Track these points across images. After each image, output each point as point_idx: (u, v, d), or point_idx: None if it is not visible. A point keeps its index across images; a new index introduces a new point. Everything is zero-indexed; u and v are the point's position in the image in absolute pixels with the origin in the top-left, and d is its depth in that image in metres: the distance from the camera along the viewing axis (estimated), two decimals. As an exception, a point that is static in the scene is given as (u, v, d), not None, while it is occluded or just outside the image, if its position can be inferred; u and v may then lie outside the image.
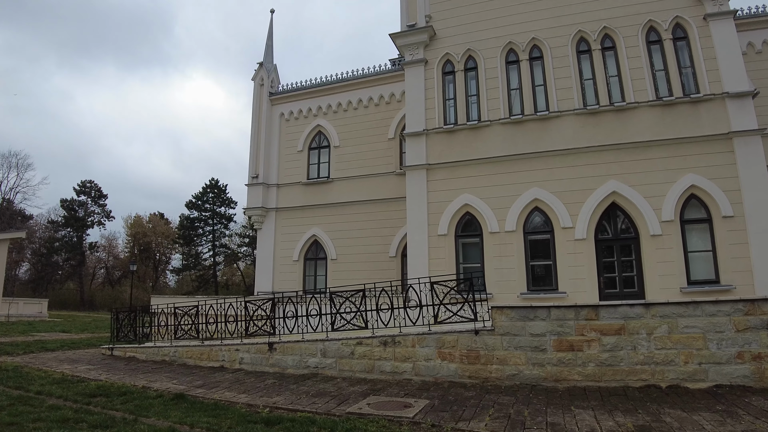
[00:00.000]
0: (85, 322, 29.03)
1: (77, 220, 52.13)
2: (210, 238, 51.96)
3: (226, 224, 52.81)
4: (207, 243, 52.10)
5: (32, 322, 25.82)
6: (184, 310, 12.33)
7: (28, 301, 30.45)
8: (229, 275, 55.87)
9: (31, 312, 28.59)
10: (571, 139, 13.29)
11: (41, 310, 29.44)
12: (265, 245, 20.20)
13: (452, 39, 14.75)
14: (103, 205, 54.57)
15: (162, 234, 56.56)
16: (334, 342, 10.12)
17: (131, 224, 56.33)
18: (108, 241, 56.22)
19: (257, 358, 10.76)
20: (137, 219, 57.06)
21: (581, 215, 12.87)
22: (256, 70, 21.52)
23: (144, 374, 10.34)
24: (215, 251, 51.60)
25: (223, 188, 52.76)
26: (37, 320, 27.09)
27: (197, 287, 49.81)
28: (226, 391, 8.66)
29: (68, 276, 52.67)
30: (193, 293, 46.31)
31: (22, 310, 28.02)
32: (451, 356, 9.18)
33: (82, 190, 53.67)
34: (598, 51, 13.73)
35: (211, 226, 52.02)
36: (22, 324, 24.50)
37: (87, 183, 53.98)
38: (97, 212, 54.42)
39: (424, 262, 13.46)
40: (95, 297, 49.87)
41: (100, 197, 54.51)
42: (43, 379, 9.47)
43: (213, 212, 51.99)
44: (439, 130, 14.22)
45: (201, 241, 52.08)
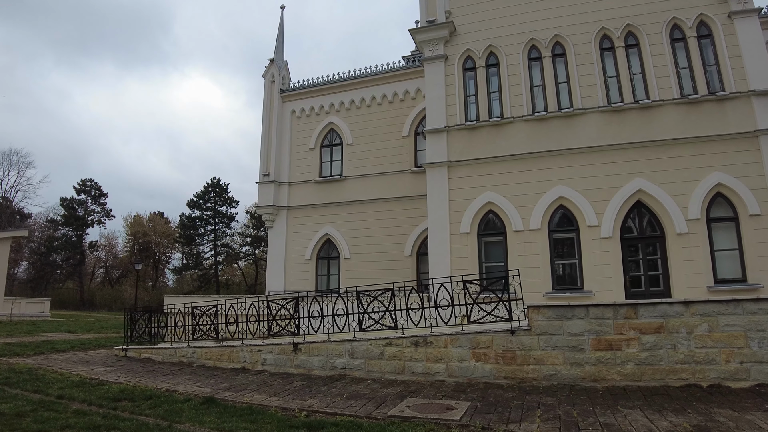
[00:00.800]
0: (89, 322, 28.61)
1: (77, 219, 51.59)
2: (211, 238, 51.53)
3: (227, 223, 52.40)
4: (208, 242, 51.66)
5: (35, 321, 25.41)
6: (202, 310, 12.04)
7: (31, 301, 30.00)
8: (230, 274, 55.46)
9: (34, 312, 28.15)
10: (595, 137, 13.10)
11: (43, 310, 29.01)
12: (276, 244, 19.91)
13: (473, 35, 14.53)
14: (103, 204, 54.09)
15: (162, 233, 56.05)
16: (363, 342, 9.87)
17: (131, 223, 55.82)
18: (107, 240, 55.72)
19: (281, 359, 10.49)
20: (137, 218, 56.58)
21: (607, 213, 12.68)
22: (266, 66, 21.24)
23: (164, 376, 10.04)
24: (217, 250, 51.17)
25: (225, 187, 52.38)
26: (40, 320, 26.67)
27: (198, 287, 49.40)
28: (255, 394, 8.38)
29: (68, 275, 52.10)
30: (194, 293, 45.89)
31: (25, 310, 27.58)
32: (486, 357, 8.99)
33: (83, 188, 53.13)
34: (621, 48, 13.55)
35: (213, 225, 51.60)
36: (25, 324, 24.10)
37: (87, 181, 53.45)
38: (97, 211, 53.89)
39: (445, 261, 13.23)
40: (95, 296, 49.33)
41: (100, 196, 54.00)
42: (60, 382, 9.12)
43: (215, 211, 51.57)
44: (461, 127, 13.99)
45: (202, 241, 51.63)
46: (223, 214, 52.25)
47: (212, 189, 51.88)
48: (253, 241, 49.89)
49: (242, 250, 52.76)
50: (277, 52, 21.41)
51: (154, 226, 55.99)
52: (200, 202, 51.60)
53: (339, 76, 20.12)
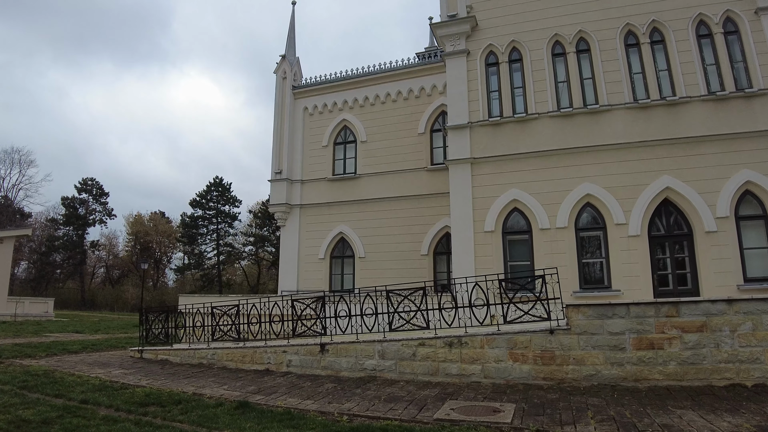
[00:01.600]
0: (93, 322, 28.21)
1: (78, 218, 51.05)
2: (214, 237, 51.10)
3: (230, 223, 51.96)
4: (211, 242, 51.22)
5: (40, 322, 25.01)
6: (222, 310, 11.73)
7: (34, 301, 29.57)
8: (231, 274, 55.03)
9: (37, 311, 27.74)
10: (622, 134, 12.88)
11: (47, 310, 28.58)
12: (289, 243, 19.61)
13: (495, 30, 14.28)
14: (105, 203, 53.59)
15: (163, 233, 55.56)
16: (394, 343, 9.59)
17: (132, 222, 55.30)
18: (108, 239, 55.17)
19: (307, 360, 10.20)
20: (138, 217, 56.05)
21: (634, 211, 12.45)
22: (277, 62, 20.94)
23: (186, 379, 9.71)
24: (219, 250, 50.72)
25: (228, 186, 51.94)
26: (44, 320, 26.26)
27: (201, 287, 48.96)
28: (288, 398, 8.07)
29: (69, 275, 51.53)
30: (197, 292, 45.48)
31: (28, 310, 27.16)
32: (524, 357, 8.78)
33: (84, 187, 52.59)
34: (647, 45, 13.33)
35: (215, 224, 51.17)
36: (30, 324, 23.69)
37: (89, 180, 52.92)
38: (99, 210, 53.34)
39: (469, 260, 12.96)
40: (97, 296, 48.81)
41: (102, 195, 53.48)
42: (81, 386, 8.74)
43: (217, 211, 51.13)
44: (484, 123, 13.73)
45: (205, 240, 51.19)
46: (226, 213, 51.84)
47: (215, 188, 51.44)
48: (256, 240, 49.48)
49: (245, 249, 52.33)
50: (288, 48, 21.12)
51: (155, 225, 55.50)
52: (203, 201, 51.16)
53: (352, 73, 19.84)
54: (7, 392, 8.08)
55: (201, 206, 51.21)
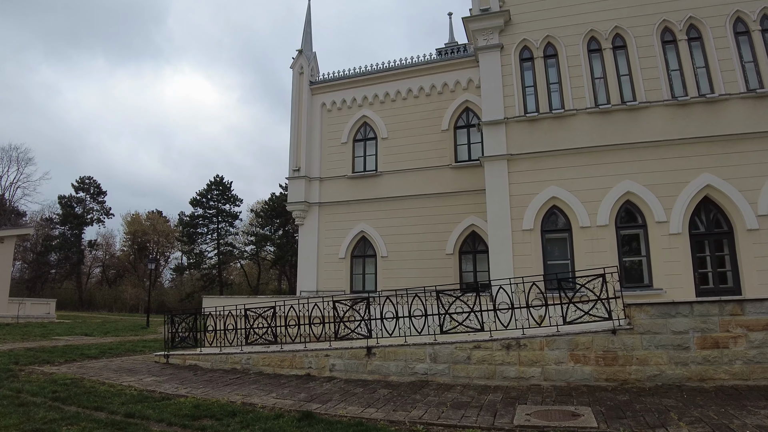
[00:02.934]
0: (98, 324, 27.50)
1: (75, 218, 49.94)
2: (214, 237, 50.30)
3: (231, 222, 51.18)
4: (212, 241, 50.42)
5: (44, 323, 24.30)
6: (257, 312, 11.29)
7: (36, 302, 28.75)
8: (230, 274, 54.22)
9: (39, 313, 26.96)
10: (661, 131, 12.65)
11: (49, 311, 27.81)
12: (308, 242, 19.16)
13: (529, 25, 13.99)
14: (102, 202, 52.45)
15: (161, 232, 54.61)
16: (447, 346, 9.25)
17: (129, 222, 54.26)
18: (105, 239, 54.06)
19: (352, 365, 9.81)
20: (135, 217, 55.02)
21: (675, 209, 12.24)
22: (294, 57, 20.46)
23: (227, 387, 9.19)
24: (220, 249, 49.93)
25: (228, 185, 51.15)
26: (46, 321, 25.54)
27: (202, 287, 48.16)
28: (346, 405, 7.65)
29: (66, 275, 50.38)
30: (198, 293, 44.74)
31: (30, 311, 26.38)
32: (585, 358, 8.56)
33: (81, 186, 51.48)
34: (684, 41, 13.11)
35: (216, 224, 50.37)
36: (34, 326, 22.98)
37: (86, 179, 51.81)
38: (96, 209, 52.21)
39: (507, 259, 12.66)
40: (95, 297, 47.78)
41: (99, 194, 52.38)
42: (117, 396, 8.19)
43: (218, 210, 50.34)
44: (520, 119, 13.43)
45: (205, 240, 50.37)
46: (227, 212, 51.05)
47: (215, 187, 50.63)
48: (258, 239, 48.76)
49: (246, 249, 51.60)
50: (305, 43, 20.65)
51: (153, 224, 54.52)
52: (203, 200, 50.32)
53: (372, 69, 19.43)
54: (41, 405, 7.48)
55: (201, 205, 50.38)
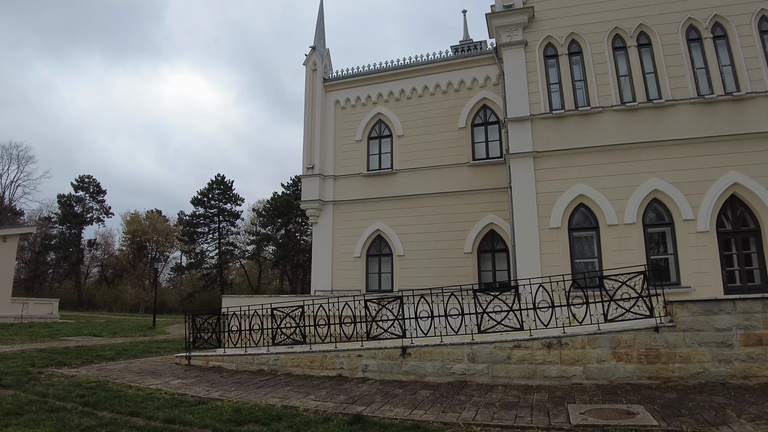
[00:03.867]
0: (102, 324, 27.12)
1: (75, 216, 49.26)
2: (215, 236, 49.82)
3: (233, 221, 50.72)
4: (213, 241, 49.93)
5: (48, 323, 23.91)
6: (285, 312, 11.07)
7: (39, 302, 28.26)
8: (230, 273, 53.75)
9: (42, 313, 26.52)
10: (687, 129, 12.58)
11: (52, 311, 27.37)
12: (322, 241, 18.94)
13: (553, 22, 13.88)
14: (102, 201, 51.78)
15: (161, 231, 54.04)
16: (485, 345, 9.10)
17: (129, 221, 53.65)
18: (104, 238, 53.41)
19: (386, 365, 9.62)
20: (135, 216, 54.39)
21: (703, 207, 12.17)
22: (307, 54, 20.22)
23: (259, 389, 8.91)
24: (221, 249, 49.47)
25: (230, 184, 50.71)
26: (50, 322, 25.15)
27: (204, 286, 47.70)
28: (392, 408, 7.44)
29: (66, 274, 49.69)
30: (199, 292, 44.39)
31: (32, 311, 25.93)
32: (627, 356, 8.54)
33: (81, 185, 50.82)
34: (709, 39, 13.04)
35: (217, 223, 49.89)
36: (38, 326, 22.60)
37: (86, 178, 51.16)
38: (96, 208, 51.55)
39: (535, 258, 12.54)
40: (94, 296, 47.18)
41: (99, 193, 51.72)
42: (149, 400, 7.85)
43: (219, 209, 49.87)
44: (546, 116, 13.31)
45: (206, 239, 49.87)
46: (228, 211, 50.57)
47: (217, 186, 50.17)
48: (260, 239, 48.35)
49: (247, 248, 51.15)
50: (318, 39, 20.42)
51: (152, 223, 53.95)
52: (204, 199, 49.85)
53: (387, 65, 19.24)
54: (72, 411, 7.15)
55: (203, 204, 49.90)
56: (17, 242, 24.79)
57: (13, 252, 24.40)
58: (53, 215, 49.53)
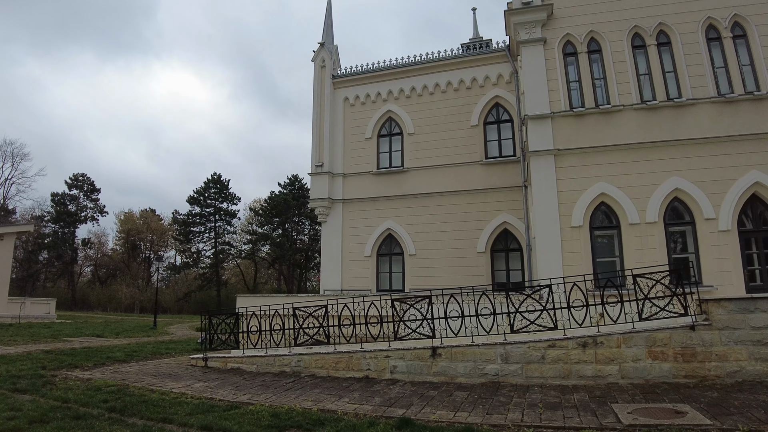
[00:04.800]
0: (101, 324, 26.58)
1: (69, 215, 48.31)
2: (212, 235, 49.20)
3: (229, 221, 50.13)
4: (209, 240, 49.29)
5: (46, 324, 23.36)
6: (308, 311, 10.85)
7: (36, 301, 27.64)
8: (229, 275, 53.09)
9: (39, 313, 25.92)
10: (708, 128, 12.56)
11: (49, 311, 26.77)
12: (331, 239, 18.70)
13: (572, 20, 13.79)
14: (96, 200, 50.84)
15: (156, 230, 53.23)
16: (519, 345, 8.97)
17: (123, 220, 52.75)
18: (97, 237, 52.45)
19: (415, 366, 9.45)
20: (129, 215, 53.50)
21: (724, 206, 12.15)
22: (315, 50, 19.97)
23: (288, 391, 8.61)
24: (217, 248, 48.86)
25: (226, 183, 50.10)
26: (48, 322, 24.58)
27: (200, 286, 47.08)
28: (434, 410, 7.22)
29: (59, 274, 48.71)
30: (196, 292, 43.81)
31: (29, 311, 25.33)
32: (663, 355, 8.52)
33: (75, 183, 49.83)
34: (729, 39, 13.03)
35: (213, 222, 49.27)
36: (38, 326, 22.05)
37: (80, 176, 50.18)
38: (90, 207, 50.60)
39: (556, 257, 12.43)
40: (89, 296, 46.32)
41: (93, 191, 50.79)
42: (178, 405, 7.49)
43: (215, 208, 49.24)
44: (567, 114, 13.22)
45: (202, 238, 49.22)
46: (225, 210, 49.96)
47: (213, 185, 49.55)
48: (257, 238, 47.85)
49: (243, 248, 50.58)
50: (326, 36, 20.17)
51: (146, 222, 53.13)
52: (200, 198, 49.20)
53: (398, 62, 19.05)
54: (99, 418, 6.81)
55: (198, 203, 49.24)
56: (14, 241, 24.19)
57: (9, 251, 23.83)
58: (46, 214, 48.61)
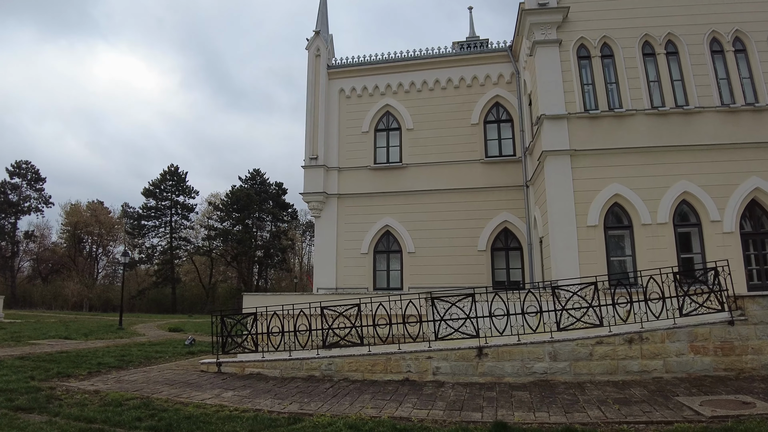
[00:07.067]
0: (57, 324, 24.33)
1: (10, 206, 43.74)
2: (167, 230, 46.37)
3: (186, 215, 47.45)
4: (164, 235, 46.43)
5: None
6: (337, 311, 10.30)
7: (-22, 300, 24.71)
8: (183, 272, 50.26)
9: (-18, 313, 23.18)
10: (713, 135, 13.17)
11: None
12: (325, 235, 18.05)
13: (586, 24, 14.04)
14: (41, 190, 46.40)
15: (104, 224, 49.46)
16: (567, 343, 8.96)
17: (69, 212, 48.56)
18: (39, 230, 47.94)
19: (460, 367, 9.20)
20: (76, 206, 49.33)
21: (728, 209, 12.80)
22: (309, 39, 19.19)
23: (335, 398, 7.96)
24: (173, 244, 46.13)
25: (183, 176, 47.38)
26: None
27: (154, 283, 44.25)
28: (512, 411, 7.04)
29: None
30: (150, 289, 41.11)
31: (-30, 311, 22.59)
32: (704, 349, 8.93)
33: (17, 171, 45.13)
34: (731, 52, 13.72)
35: (169, 216, 46.46)
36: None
37: (23, 164, 45.67)
38: (34, 197, 46.11)
39: (573, 256, 12.60)
40: (31, 293, 42.20)
41: (38, 180, 46.29)
42: (229, 421, 6.63)
43: (172, 201, 46.45)
44: (582, 115, 13.43)
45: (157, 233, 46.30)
46: (182, 204, 47.26)
47: (170, 177, 46.72)
48: (217, 234, 45.66)
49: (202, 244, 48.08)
50: (321, 24, 19.44)
51: (95, 215, 49.24)
52: (156, 191, 46.24)
53: (396, 56, 18.68)
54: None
55: (154, 196, 46.27)
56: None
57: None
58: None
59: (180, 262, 47.93)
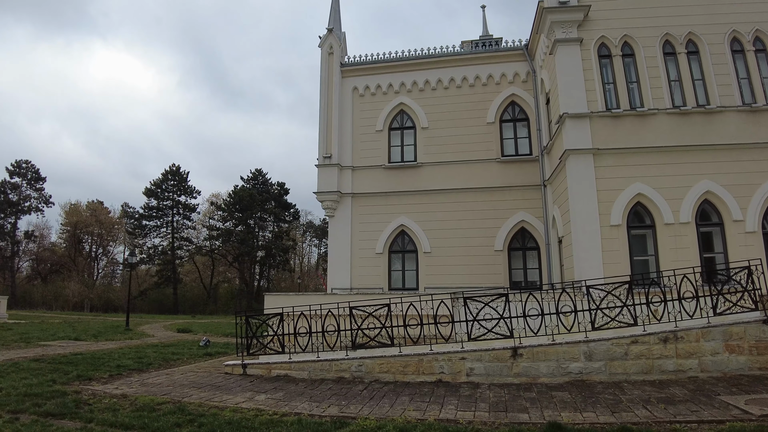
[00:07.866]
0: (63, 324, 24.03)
1: (10, 205, 43.20)
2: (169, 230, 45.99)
3: (188, 215, 47.09)
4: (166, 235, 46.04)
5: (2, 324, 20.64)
6: (367, 311, 10.19)
7: (-18, 300, 24.40)
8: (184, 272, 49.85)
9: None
10: (734, 135, 13.17)
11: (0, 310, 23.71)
12: (340, 235, 17.93)
13: (606, 23, 14.01)
14: (41, 189, 45.86)
15: (104, 224, 49.01)
16: (602, 342, 8.92)
17: (68, 211, 48.05)
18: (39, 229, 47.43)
19: (494, 368, 9.13)
20: (75, 206, 48.83)
21: (750, 208, 12.79)
22: (322, 36, 19.06)
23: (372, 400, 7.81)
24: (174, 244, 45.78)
25: (185, 176, 47.00)
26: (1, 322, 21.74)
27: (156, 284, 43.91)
28: (556, 412, 6.98)
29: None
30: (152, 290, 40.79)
31: (-25, 311, 22.31)
32: (739, 348, 8.93)
33: (17, 171, 44.58)
34: (751, 52, 13.73)
35: (171, 216, 46.08)
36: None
37: (23, 163, 45.11)
38: (34, 197, 45.56)
39: (596, 256, 12.56)
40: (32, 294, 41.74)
41: (38, 180, 45.74)
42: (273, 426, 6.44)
43: (173, 201, 46.07)
44: (604, 114, 13.40)
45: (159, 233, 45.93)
46: (183, 204, 46.89)
47: (171, 177, 46.35)
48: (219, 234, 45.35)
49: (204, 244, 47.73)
50: (334, 21, 19.30)
51: (94, 215, 48.76)
52: (158, 190, 45.85)
53: (411, 54, 18.59)
54: None
55: (156, 196, 45.88)
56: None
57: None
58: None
59: (181, 263, 47.60)
